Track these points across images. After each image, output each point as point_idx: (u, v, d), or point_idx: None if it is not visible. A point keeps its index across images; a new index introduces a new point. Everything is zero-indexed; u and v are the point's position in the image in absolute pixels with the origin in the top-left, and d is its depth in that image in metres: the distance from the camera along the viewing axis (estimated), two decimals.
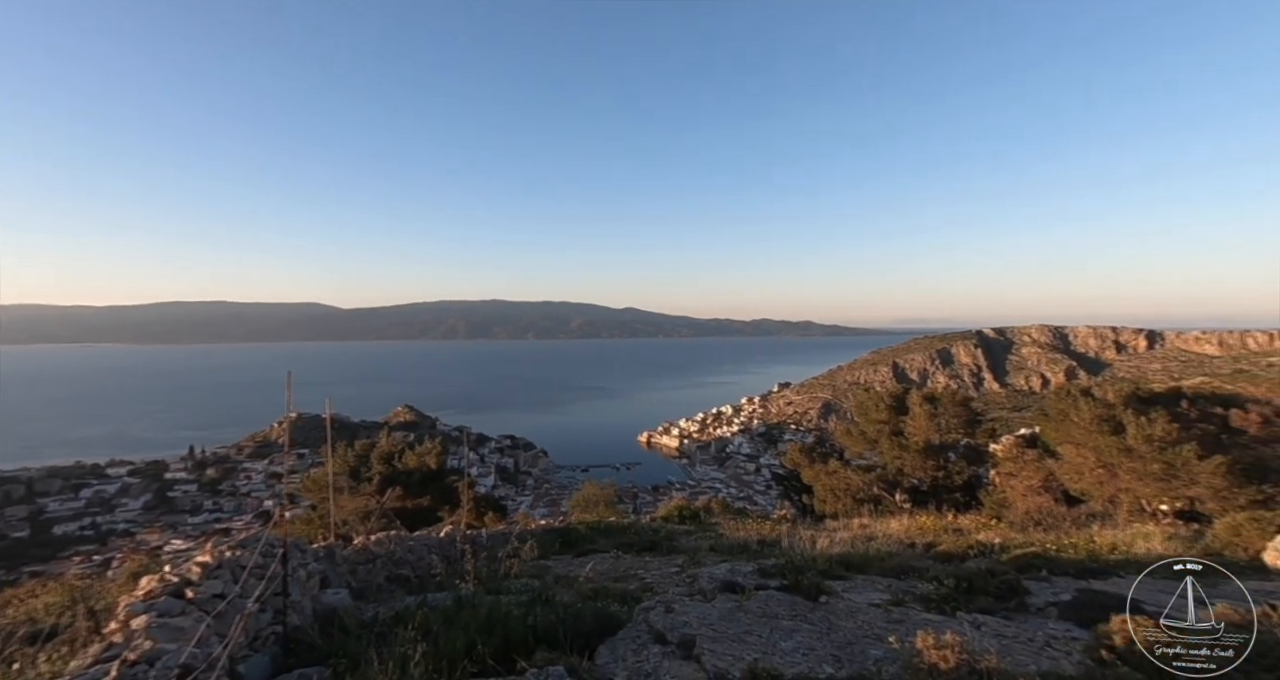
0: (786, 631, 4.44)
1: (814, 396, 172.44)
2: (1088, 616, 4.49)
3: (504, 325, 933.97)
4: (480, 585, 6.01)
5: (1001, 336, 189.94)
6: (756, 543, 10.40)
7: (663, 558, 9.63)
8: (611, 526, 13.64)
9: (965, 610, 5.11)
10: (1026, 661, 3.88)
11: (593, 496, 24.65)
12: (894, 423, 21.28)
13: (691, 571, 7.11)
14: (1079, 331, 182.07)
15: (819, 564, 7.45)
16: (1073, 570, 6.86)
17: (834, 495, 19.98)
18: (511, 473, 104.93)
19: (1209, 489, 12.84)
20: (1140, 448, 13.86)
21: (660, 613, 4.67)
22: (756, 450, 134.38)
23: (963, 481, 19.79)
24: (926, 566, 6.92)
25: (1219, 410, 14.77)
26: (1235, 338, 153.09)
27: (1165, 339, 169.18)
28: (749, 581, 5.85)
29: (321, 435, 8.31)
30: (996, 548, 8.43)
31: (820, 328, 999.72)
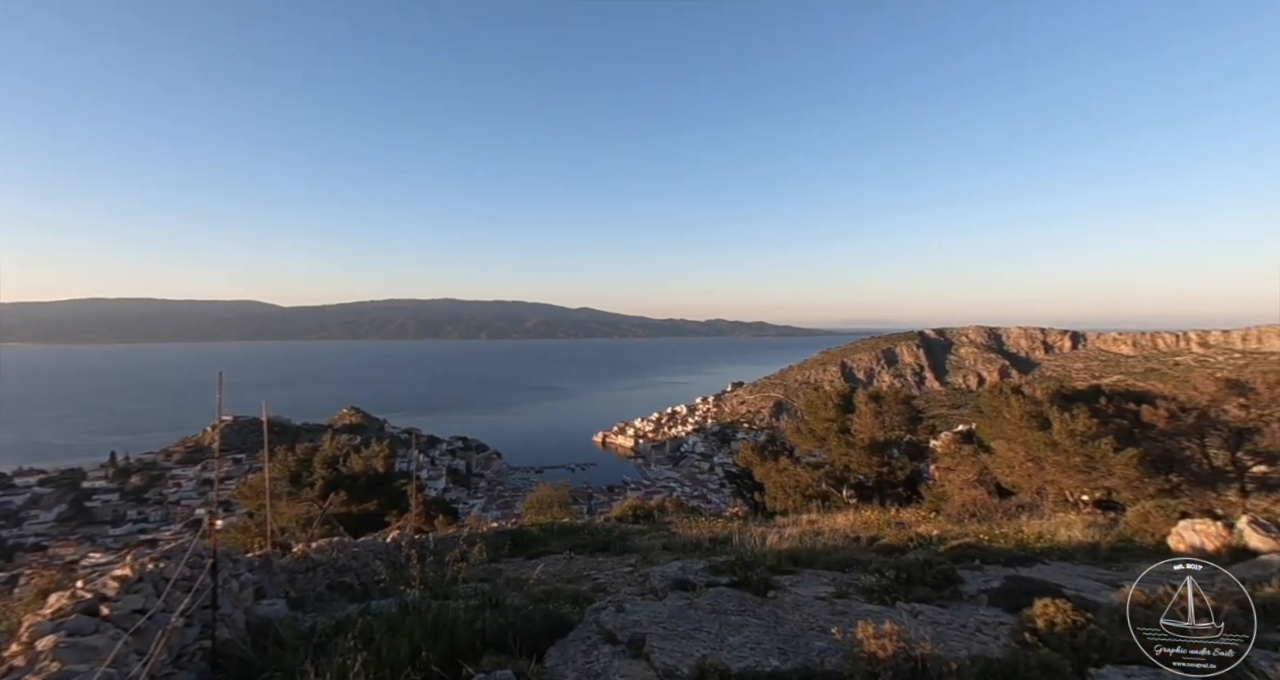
0: (735, 627, 4.52)
1: (766, 396, 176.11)
2: (1014, 602, 4.75)
3: (456, 324, 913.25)
4: (428, 590, 5.86)
5: (942, 337, 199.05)
6: (709, 541, 10.53)
7: (616, 558, 9.63)
8: (565, 528, 13.55)
9: (904, 600, 5.33)
10: (958, 646, 4.08)
11: (546, 498, 24.41)
12: (841, 421, 21.97)
13: (644, 571, 7.14)
14: (1011, 332, 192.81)
15: (768, 560, 7.62)
16: (1003, 559, 7.25)
17: (784, 492, 20.46)
18: (463, 475, 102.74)
19: (1123, 480, 13.81)
20: (1064, 442, 14.78)
21: (611, 613, 4.68)
22: (710, 449, 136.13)
23: (905, 477, 20.62)
24: (870, 559, 7.18)
25: (1132, 406, 15.92)
26: (1147, 339, 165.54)
27: (1087, 339, 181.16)
28: (700, 579, 5.92)
29: (260, 439, 7.92)
30: (935, 539, 8.83)
31: (773, 328, 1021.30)
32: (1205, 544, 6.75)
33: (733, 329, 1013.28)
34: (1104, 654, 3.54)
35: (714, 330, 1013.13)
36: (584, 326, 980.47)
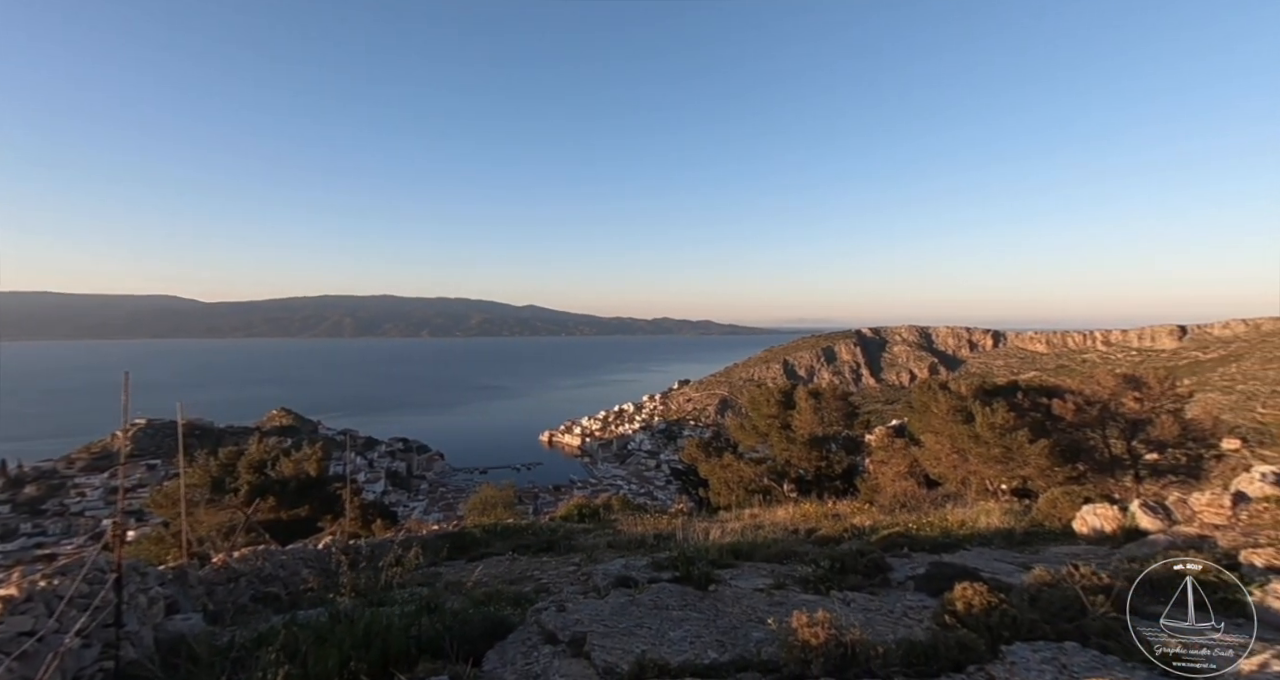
0: (676, 621, 4.58)
1: (712, 393, 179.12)
2: (937, 586, 5.03)
3: (396, 322, 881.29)
4: (361, 597, 5.64)
5: (877, 336, 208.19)
6: (653, 537, 10.62)
7: (560, 557, 9.57)
8: (508, 528, 13.33)
9: (838, 589, 5.54)
10: (886, 631, 4.27)
11: (490, 498, 23.97)
12: (783, 417, 22.62)
13: (587, 569, 7.12)
14: (940, 332, 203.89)
15: (710, 554, 7.75)
16: (929, 546, 7.65)
17: (728, 487, 20.88)
18: (404, 477, 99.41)
19: (1036, 469, 14.86)
20: (985, 434, 15.75)
21: (552, 613, 4.64)
22: (657, 446, 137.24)
23: (842, 470, 21.44)
24: (807, 551, 7.43)
25: (1044, 401, 17.14)
26: (1058, 337, 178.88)
27: (1007, 338, 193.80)
28: (642, 575, 5.96)
29: (177, 443, 7.40)
30: (867, 530, 9.22)
31: (719, 327, 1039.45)
32: (1104, 526, 7.36)
33: (679, 327, 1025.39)
34: (1014, 632, 3.78)
35: (661, 329, 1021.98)
36: (529, 325, 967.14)
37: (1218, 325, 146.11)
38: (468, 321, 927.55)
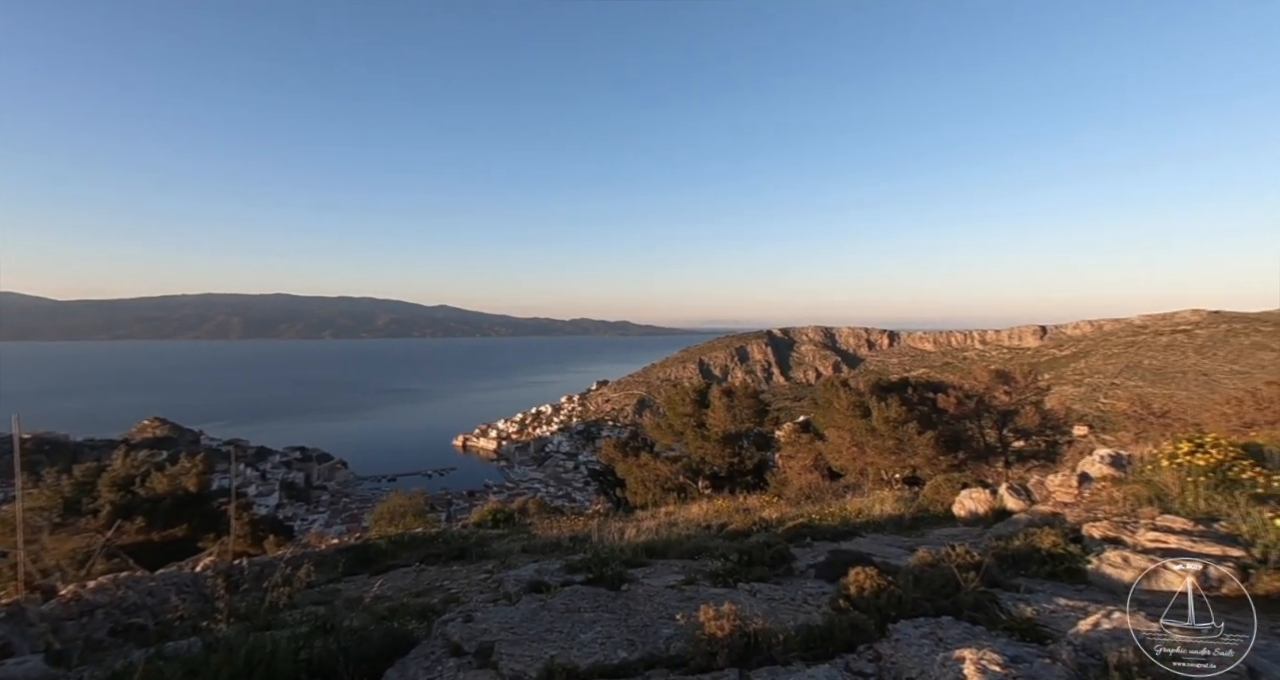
0: (588, 623, 4.56)
1: (630, 393, 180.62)
2: (835, 573, 5.34)
3: (293, 322, 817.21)
4: (246, 622, 5.18)
5: (786, 336, 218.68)
6: (569, 539, 10.53)
7: (472, 565, 9.27)
8: (417, 538, 12.74)
9: (745, 581, 5.74)
10: (788, 618, 4.48)
11: (399, 507, 22.83)
12: (697, 415, 23.20)
13: (499, 576, 6.94)
14: (843, 332, 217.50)
15: (625, 554, 7.80)
16: (829, 535, 8.13)
17: (644, 486, 21.12)
18: (302, 489, 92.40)
19: (924, 458, 16.18)
20: (881, 427, 16.95)
21: (459, 623, 4.48)
22: (575, 448, 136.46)
23: (753, 465, 22.30)
24: (718, 545, 7.65)
25: (931, 395, 18.69)
26: (944, 337, 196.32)
27: (901, 338, 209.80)
28: (555, 579, 5.89)
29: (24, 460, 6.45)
30: (774, 522, 9.65)
31: (636, 327, 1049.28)
32: (978, 509, 8.14)
33: (597, 328, 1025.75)
34: (900, 610, 4.08)
35: (579, 329, 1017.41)
36: (442, 325, 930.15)
37: (1070, 326, 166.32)
38: (375, 322, 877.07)
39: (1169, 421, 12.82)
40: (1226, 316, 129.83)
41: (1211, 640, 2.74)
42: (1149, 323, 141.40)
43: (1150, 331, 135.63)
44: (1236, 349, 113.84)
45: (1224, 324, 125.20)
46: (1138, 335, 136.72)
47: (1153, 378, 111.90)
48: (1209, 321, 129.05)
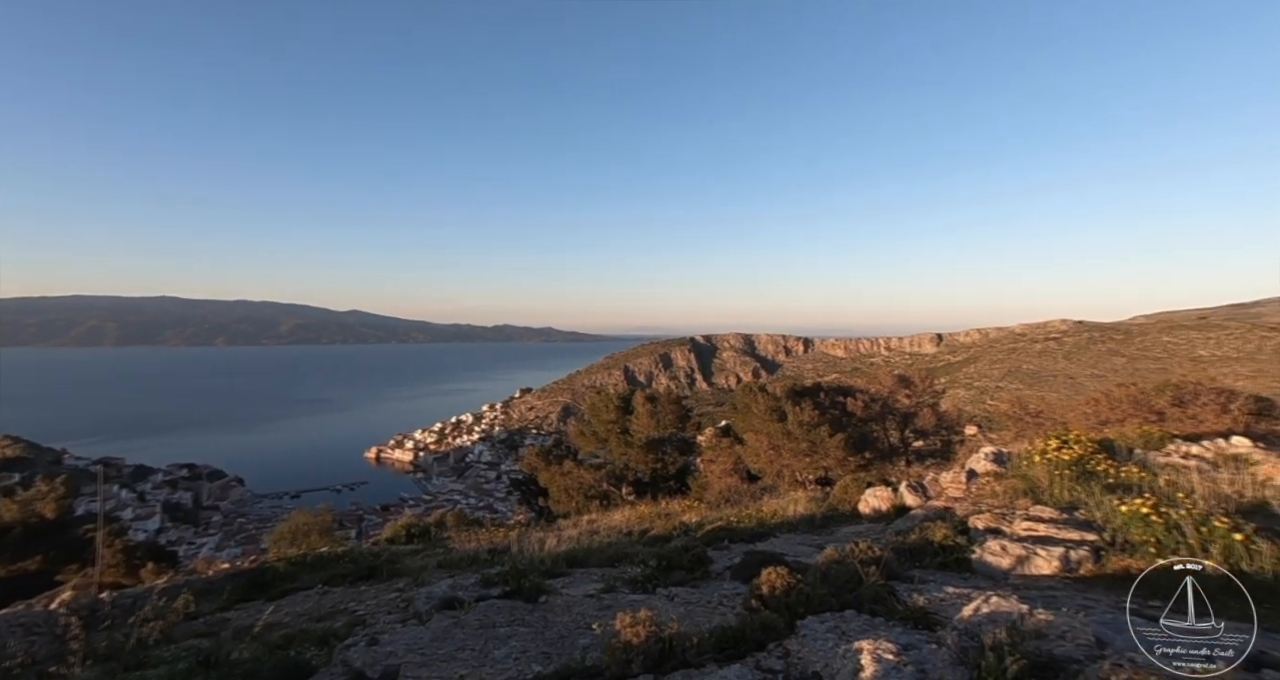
0: (502, 639, 4.44)
1: (555, 400, 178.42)
2: (749, 574, 5.50)
3: (180, 328, 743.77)
4: (108, 664, 4.62)
5: (709, 342, 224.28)
6: (487, 552, 10.21)
7: (382, 584, 8.76)
8: (322, 558, 11.90)
9: (664, 586, 5.80)
10: (703, 621, 4.57)
11: (302, 526, 21.24)
12: (622, 422, 23.26)
13: (410, 594, 6.62)
14: (761, 338, 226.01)
15: (545, 564, 7.66)
16: (746, 536, 8.38)
17: (568, 494, 20.88)
18: (189, 510, 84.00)
19: (835, 459, 17.05)
20: (796, 431, 17.69)
21: (362, 647, 4.22)
22: (498, 457, 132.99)
23: (676, 470, 22.63)
24: (638, 551, 7.68)
25: (841, 399, 19.75)
26: (854, 343, 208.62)
27: (815, 344, 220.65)
28: (470, 594, 5.69)
29: None
30: (694, 526, 9.82)
31: (561, 334, 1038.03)
32: (881, 506, 8.69)
33: (522, 334, 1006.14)
34: (808, 607, 4.26)
35: (502, 336, 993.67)
36: (354, 331, 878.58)
37: (962, 334, 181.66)
38: (277, 327, 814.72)
39: (1042, 421, 14.23)
40: (1088, 326, 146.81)
41: (1069, 617, 3.05)
42: (1027, 331, 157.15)
43: (1028, 339, 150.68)
44: (1096, 355, 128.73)
45: (1086, 333, 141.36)
46: (1018, 342, 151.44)
47: (1030, 380, 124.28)
48: (1075, 330, 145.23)
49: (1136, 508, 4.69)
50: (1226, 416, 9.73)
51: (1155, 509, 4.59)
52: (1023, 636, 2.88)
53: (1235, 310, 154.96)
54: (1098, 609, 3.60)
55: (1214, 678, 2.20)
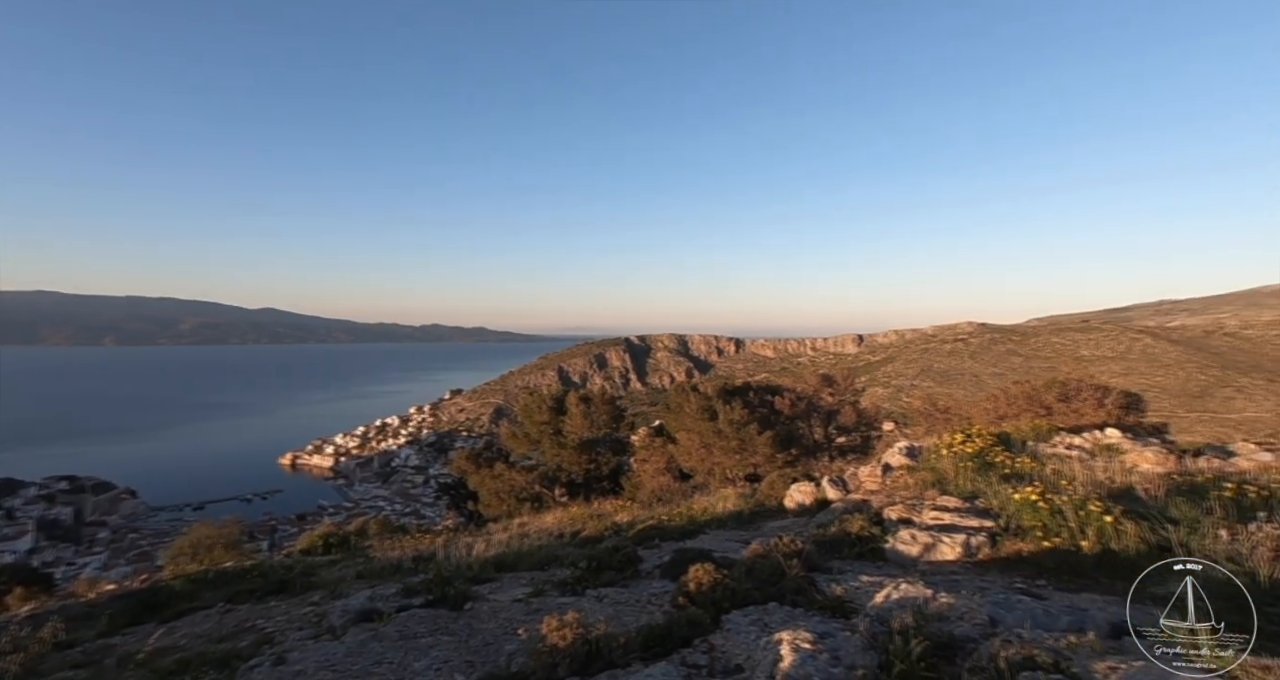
0: (423, 649, 4.27)
1: (486, 402, 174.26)
2: (678, 571, 5.57)
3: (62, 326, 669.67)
4: None
5: (643, 343, 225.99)
6: (411, 560, 9.82)
7: (295, 598, 8.24)
8: (226, 573, 11.05)
9: (594, 587, 5.78)
10: (631, 620, 4.59)
11: (205, 539, 19.58)
12: (555, 423, 22.99)
13: (325, 607, 6.26)
14: (695, 339, 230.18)
15: (472, 570, 7.46)
16: (676, 535, 8.48)
17: (498, 498, 20.44)
18: (70, 527, 75.79)
19: (763, 456, 17.59)
20: (726, 429, 18.12)
21: (267, 668, 3.95)
22: (426, 461, 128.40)
23: (609, 470, 22.62)
24: (568, 553, 7.62)
25: (770, 397, 20.41)
26: (782, 344, 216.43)
27: (746, 345, 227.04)
28: (390, 605, 5.45)
29: None
30: (626, 525, 9.86)
31: (494, 334, 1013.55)
32: (805, 500, 9.04)
33: (452, 334, 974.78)
34: (733, 601, 4.36)
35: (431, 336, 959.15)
36: (268, 331, 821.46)
37: (881, 335, 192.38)
38: (177, 326, 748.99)
39: (950, 416, 15.30)
40: (990, 328, 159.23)
41: (967, 599, 3.29)
42: (938, 333, 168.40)
43: (938, 340, 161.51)
44: (997, 354, 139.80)
45: (989, 334, 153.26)
46: (929, 343, 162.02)
47: (940, 379, 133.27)
48: (979, 332, 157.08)
49: (1027, 495, 5.12)
50: (1102, 410, 10.82)
51: (1042, 496, 5.03)
52: (927, 619, 3.07)
53: (1111, 315, 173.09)
54: (993, 590, 3.89)
55: (1083, 645, 2.43)
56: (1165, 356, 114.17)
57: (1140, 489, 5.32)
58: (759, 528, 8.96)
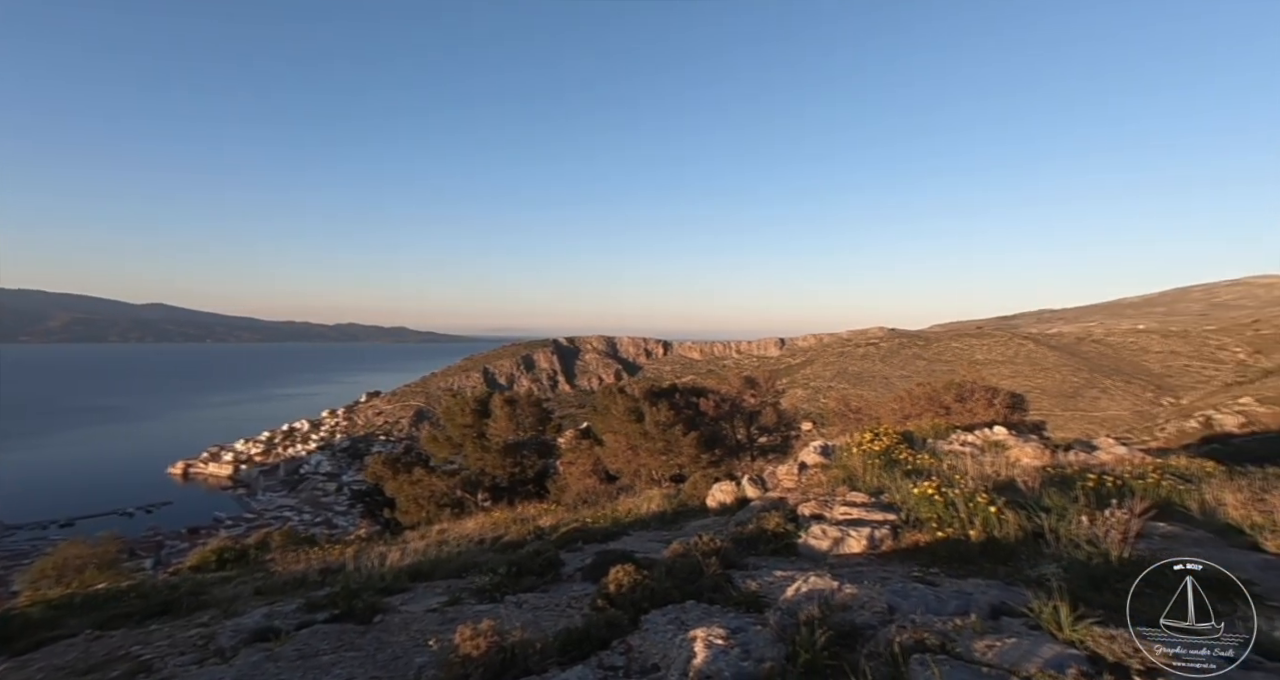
0: (324, 668, 4.02)
1: (407, 405, 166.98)
2: (599, 573, 5.56)
3: None
4: None
5: (572, 344, 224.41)
6: (318, 573, 9.23)
7: (180, 620, 7.50)
8: (97, 596, 9.90)
9: (513, 592, 5.66)
10: (550, 625, 4.52)
11: (73, 559, 17.44)
12: (479, 425, 22.37)
13: (214, 628, 5.75)
14: (623, 341, 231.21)
15: (384, 580, 7.10)
16: (600, 537, 8.46)
17: (417, 504, 19.63)
18: None
19: (688, 457, 17.91)
20: (652, 430, 18.31)
21: None
22: (339, 467, 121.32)
23: (535, 473, 22.28)
24: (488, 559, 7.42)
25: (695, 399, 20.81)
26: (709, 346, 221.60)
27: (674, 347, 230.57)
28: (289, 622, 5.09)
29: None
30: (550, 529, 9.72)
31: (415, 334, 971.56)
32: (726, 499, 9.28)
33: (370, 334, 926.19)
34: (653, 601, 4.40)
35: (347, 335, 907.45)
36: (156, 328, 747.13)
37: (801, 338, 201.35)
38: (45, 321, 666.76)
39: (861, 416, 16.21)
40: (899, 333, 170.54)
41: (869, 589, 3.48)
42: (853, 337, 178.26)
43: (853, 344, 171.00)
44: (904, 358, 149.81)
45: (897, 339, 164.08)
46: (845, 347, 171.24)
47: (854, 381, 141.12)
48: (889, 337, 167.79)
49: (925, 490, 5.50)
50: (992, 410, 11.84)
51: (938, 490, 5.42)
52: (832, 610, 3.23)
53: (1001, 322, 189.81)
54: (893, 579, 4.15)
55: (967, 627, 2.64)
56: (1045, 360, 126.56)
57: (1020, 481, 5.85)
58: (682, 527, 9.10)
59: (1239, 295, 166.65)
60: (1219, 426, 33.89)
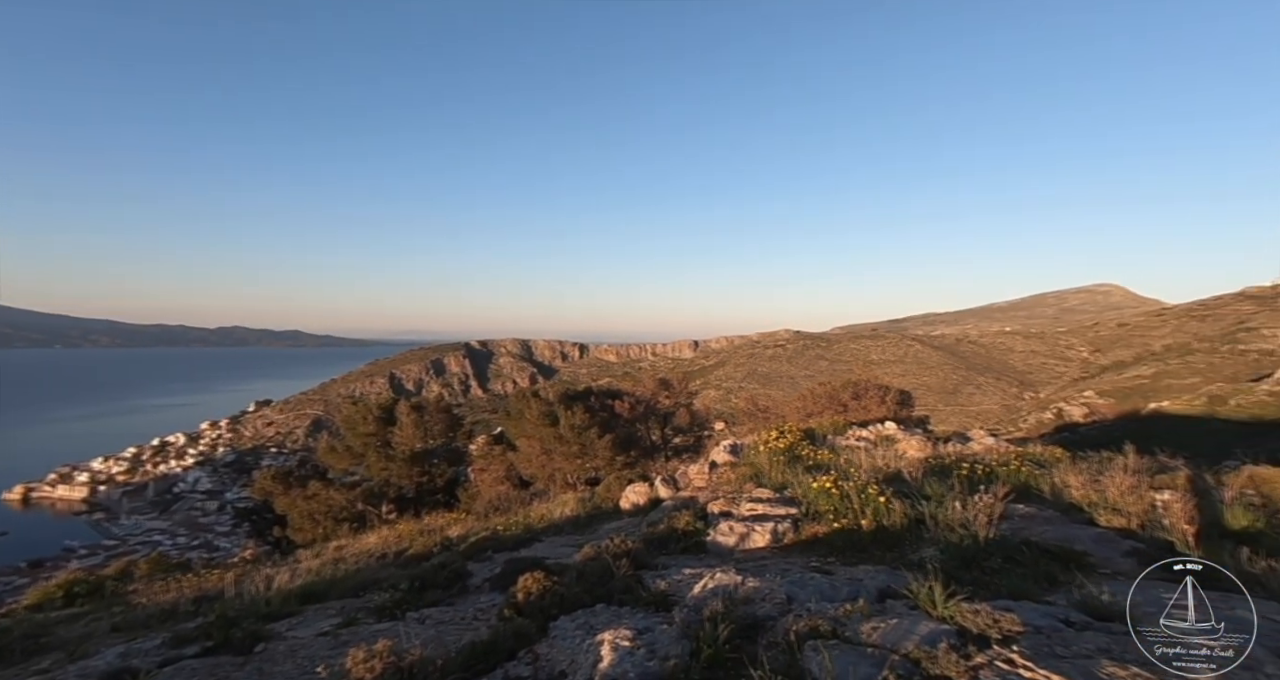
0: None
1: (302, 413, 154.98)
2: (508, 582, 5.40)
3: None
4: None
5: (485, 348, 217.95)
6: (191, 602, 8.31)
7: (13, 668, 6.50)
8: None
9: (415, 608, 5.37)
10: (454, 639, 4.33)
11: None
12: (383, 434, 21.13)
13: (56, 674, 5.02)
14: (539, 344, 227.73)
15: (270, 605, 6.52)
16: (511, 544, 8.25)
17: (312, 520, 18.24)
18: None
19: (603, 459, 17.89)
20: (567, 434, 18.11)
21: None
22: (222, 484, 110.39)
23: (445, 482, 21.37)
24: (389, 575, 7.01)
25: (610, 401, 20.84)
26: (625, 349, 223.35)
27: (590, 350, 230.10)
28: (151, 660, 4.54)
29: None
30: (458, 539, 9.35)
31: (311, 338, 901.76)
32: (639, 500, 9.36)
33: (258, 338, 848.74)
34: (562, 607, 4.33)
35: (230, 339, 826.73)
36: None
37: (713, 340, 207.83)
38: None
39: (769, 415, 16.94)
40: (804, 335, 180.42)
41: (770, 581, 3.63)
42: (762, 339, 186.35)
43: (762, 345, 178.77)
44: (808, 359, 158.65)
45: (802, 341, 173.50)
46: (755, 348, 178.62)
47: (763, 381, 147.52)
48: (795, 339, 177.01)
49: (823, 484, 5.83)
50: (884, 406, 12.77)
51: (835, 483, 5.76)
52: (735, 604, 3.33)
53: (892, 325, 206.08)
54: (793, 571, 4.35)
55: (856, 611, 2.82)
56: (930, 360, 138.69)
57: (907, 472, 6.34)
58: (595, 530, 9.07)
59: (1083, 301, 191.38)
60: (1068, 417, 38.59)
